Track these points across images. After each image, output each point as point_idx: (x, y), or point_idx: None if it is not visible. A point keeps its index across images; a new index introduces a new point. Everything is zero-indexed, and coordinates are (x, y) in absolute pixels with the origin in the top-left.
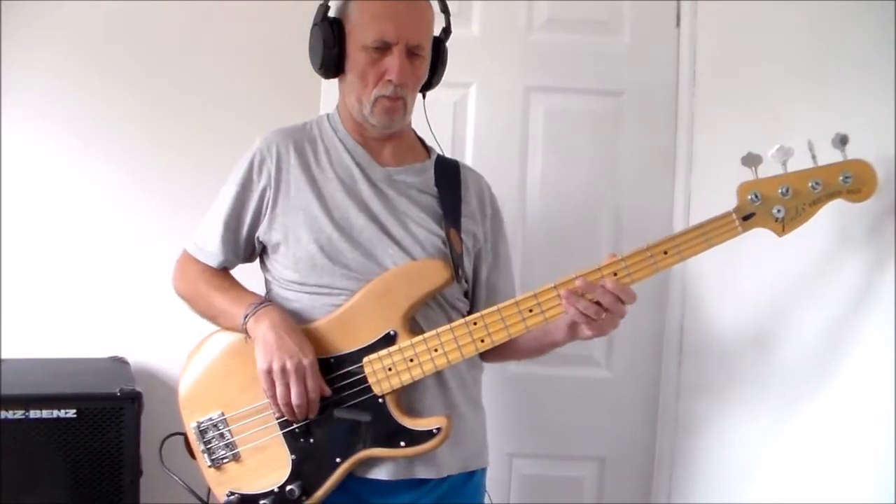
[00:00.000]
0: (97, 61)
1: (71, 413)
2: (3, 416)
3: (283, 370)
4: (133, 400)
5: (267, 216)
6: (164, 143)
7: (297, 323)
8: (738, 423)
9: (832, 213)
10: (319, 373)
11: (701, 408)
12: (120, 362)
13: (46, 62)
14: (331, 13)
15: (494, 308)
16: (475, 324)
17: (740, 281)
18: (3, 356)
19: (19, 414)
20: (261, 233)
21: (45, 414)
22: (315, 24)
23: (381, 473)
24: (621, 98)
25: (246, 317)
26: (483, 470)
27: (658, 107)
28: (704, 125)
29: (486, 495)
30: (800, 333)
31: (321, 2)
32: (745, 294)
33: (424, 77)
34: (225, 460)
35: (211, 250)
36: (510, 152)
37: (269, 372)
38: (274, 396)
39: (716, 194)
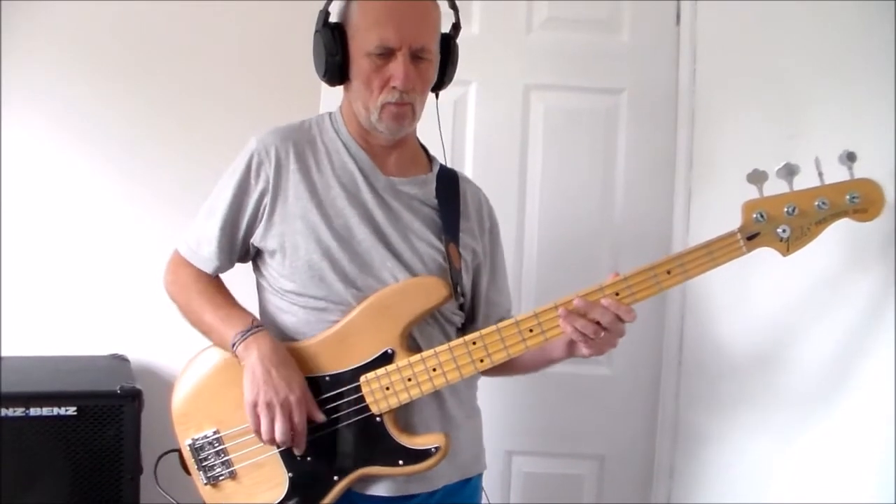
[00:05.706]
0: (97, 60)
1: (71, 411)
2: (3, 414)
3: (269, 405)
4: (133, 398)
5: (263, 222)
6: (163, 141)
7: (291, 339)
8: (739, 426)
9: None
10: (308, 404)
11: (701, 407)
12: (120, 360)
13: (46, 62)
14: (333, 18)
15: (494, 328)
16: (474, 343)
17: (743, 290)
18: (4, 354)
19: (19, 411)
20: (256, 239)
21: (46, 411)
22: (317, 31)
23: (379, 490)
24: (621, 96)
25: (235, 343)
26: (480, 474)
27: (658, 105)
28: (705, 123)
29: (484, 495)
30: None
31: (322, 4)
32: (749, 302)
33: (433, 79)
34: (221, 478)
35: (205, 255)
36: (510, 150)
37: (255, 406)
38: (258, 430)
39: (716, 192)
